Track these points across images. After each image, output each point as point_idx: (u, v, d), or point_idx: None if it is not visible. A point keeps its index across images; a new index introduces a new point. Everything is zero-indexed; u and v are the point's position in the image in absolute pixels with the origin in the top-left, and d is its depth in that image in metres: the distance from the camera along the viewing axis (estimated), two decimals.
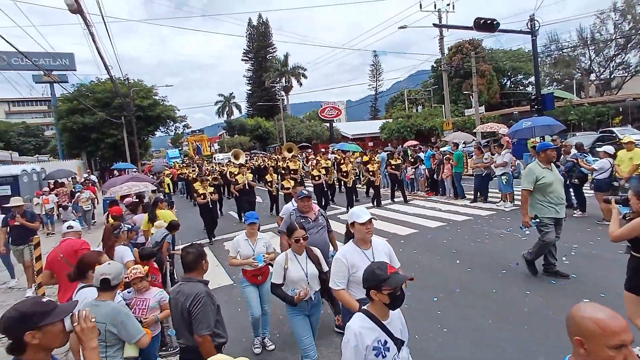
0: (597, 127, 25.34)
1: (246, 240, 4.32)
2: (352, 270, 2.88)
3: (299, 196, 4.39)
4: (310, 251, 3.49)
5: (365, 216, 2.90)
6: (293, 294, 3.29)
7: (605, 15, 37.98)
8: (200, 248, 2.91)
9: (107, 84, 28.21)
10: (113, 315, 2.47)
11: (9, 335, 1.62)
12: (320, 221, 4.44)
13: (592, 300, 4.52)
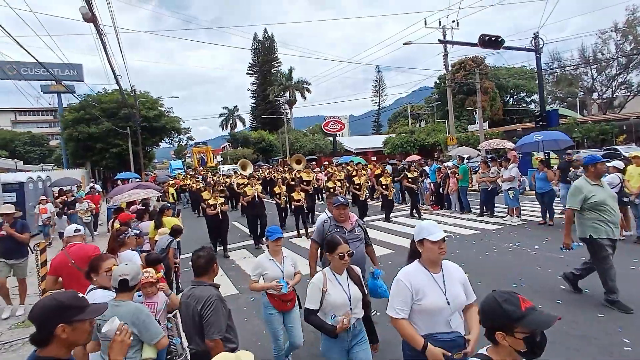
0: (601, 145, 25.37)
1: (271, 261, 3.73)
2: (417, 296, 2.36)
3: (334, 204, 3.93)
4: (352, 270, 2.96)
5: (438, 233, 2.37)
6: (333, 322, 2.71)
7: (606, 35, 38.52)
8: (212, 252, 2.88)
9: (113, 94, 28.54)
10: (135, 315, 2.44)
11: (41, 323, 1.57)
12: (357, 232, 3.94)
13: (604, 315, 4.45)
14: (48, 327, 1.56)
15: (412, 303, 2.37)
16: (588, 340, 3.98)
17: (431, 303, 2.33)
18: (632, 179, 7.17)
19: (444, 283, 2.40)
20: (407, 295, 2.37)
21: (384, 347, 3.99)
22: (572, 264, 6.27)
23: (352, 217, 4.04)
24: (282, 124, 47.19)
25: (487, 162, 10.78)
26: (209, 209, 8.80)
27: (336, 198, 4.01)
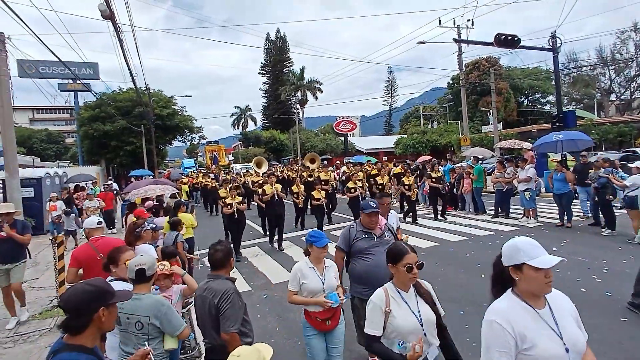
0: (619, 147, 24.81)
1: (312, 269, 3.17)
2: (524, 345, 1.62)
3: (365, 209, 3.56)
4: (420, 286, 2.39)
5: (545, 257, 1.70)
6: (402, 351, 2.17)
7: (626, 35, 37.67)
8: (229, 245, 2.86)
9: (128, 92, 28.92)
10: (157, 308, 2.45)
11: (80, 309, 1.57)
12: (387, 237, 3.58)
13: (628, 319, 4.32)
14: (89, 312, 1.57)
15: (516, 353, 1.63)
16: (611, 345, 3.86)
17: (544, 352, 1.61)
18: None
19: (555, 322, 1.68)
20: (508, 342, 1.63)
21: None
22: (592, 267, 6.14)
23: (381, 221, 3.70)
24: (294, 124, 47.28)
25: (503, 162, 10.60)
26: (225, 208, 8.36)
27: (366, 202, 3.64)
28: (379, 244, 3.52)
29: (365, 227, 3.62)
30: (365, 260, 3.52)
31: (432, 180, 11.31)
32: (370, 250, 3.51)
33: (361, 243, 3.57)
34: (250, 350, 1.71)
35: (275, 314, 5.37)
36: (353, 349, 4.19)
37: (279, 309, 5.55)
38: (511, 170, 10.06)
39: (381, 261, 2.87)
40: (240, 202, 8.51)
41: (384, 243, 3.45)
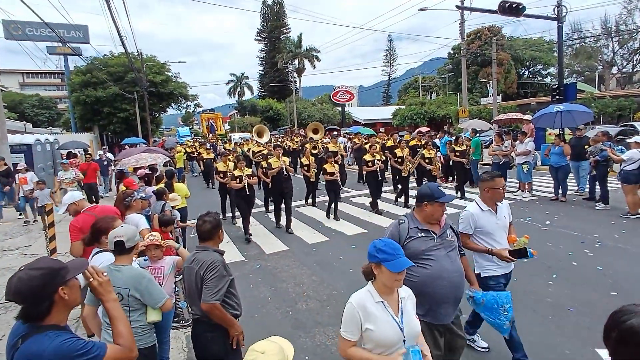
0: (617, 120, 24.64)
1: (381, 305, 2.01)
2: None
3: (436, 196, 2.61)
4: None
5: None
6: None
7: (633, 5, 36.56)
8: (217, 217, 2.78)
9: (120, 57, 28.02)
10: (137, 280, 2.39)
11: (36, 296, 1.48)
12: (449, 237, 2.69)
13: (618, 293, 4.35)
14: (47, 296, 1.49)
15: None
16: (600, 318, 3.88)
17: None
18: None
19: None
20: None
21: None
22: (585, 241, 6.16)
23: None
24: (291, 93, 46.43)
25: (502, 135, 10.47)
26: (233, 181, 7.42)
27: (435, 187, 2.70)
28: (439, 245, 2.62)
29: (423, 223, 2.68)
30: (422, 268, 2.55)
31: (455, 154, 10.31)
32: (429, 253, 2.58)
33: (416, 244, 2.61)
34: (274, 347, 1.61)
35: (268, 284, 5.39)
36: None
37: (271, 279, 5.57)
38: (509, 143, 9.95)
39: (444, 269, 2.51)
40: (251, 175, 7.64)
41: (446, 245, 2.64)
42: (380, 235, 7.04)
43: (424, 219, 2.70)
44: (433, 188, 2.69)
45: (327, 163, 8.80)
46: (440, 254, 2.60)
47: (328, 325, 4.16)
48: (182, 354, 3.89)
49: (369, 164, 8.90)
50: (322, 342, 3.86)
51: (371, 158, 8.95)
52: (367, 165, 8.95)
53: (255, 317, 4.49)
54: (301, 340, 3.93)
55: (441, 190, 2.70)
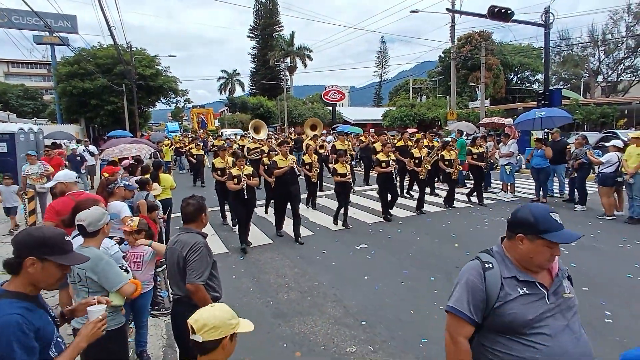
0: (601, 127, 25.21)
1: None
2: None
3: (542, 230, 1.57)
4: None
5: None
6: None
7: (618, 15, 37.47)
8: (202, 200, 2.82)
9: (109, 49, 27.63)
10: (94, 262, 2.36)
11: (16, 249, 1.55)
12: (566, 292, 1.65)
13: (589, 288, 4.51)
14: (20, 255, 1.53)
15: None
16: None
17: None
18: (630, 159, 7.10)
19: None
20: None
21: None
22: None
23: None
24: (282, 91, 46.33)
25: (486, 137, 10.67)
26: (230, 182, 6.35)
27: (544, 213, 1.61)
28: (554, 309, 1.58)
29: (524, 269, 1.65)
30: (530, 347, 1.55)
31: (472, 157, 9.27)
32: (539, 324, 1.55)
33: (518, 308, 1.56)
34: (228, 309, 1.56)
35: (250, 275, 5.43)
36: None
37: (254, 270, 5.61)
38: (490, 145, 10.13)
39: (565, 351, 1.53)
40: (251, 175, 6.49)
41: (564, 308, 1.60)
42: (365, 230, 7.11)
43: (519, 260, 1.65)
44: (538, 213, 1.61)
45: (338, 163, 7.69)
46: (557, 324, 1.56)
47: (308, 315, 4.21)
48: (161, 341, 3.90)
49: (383, 164, 7.77)
50: (300, 330, 3.91)
51: (385, 158, 7.80)
52: (380, 165, 7.82)
53: (236, 306, 4.43)
54: (280, 328, 3.98)
55: (554, 217, 1.61)
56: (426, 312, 4.19)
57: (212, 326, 1.47)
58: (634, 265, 5.18)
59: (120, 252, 3.00)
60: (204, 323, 1.47)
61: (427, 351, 3.45)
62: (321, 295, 4.72)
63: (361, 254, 6.11)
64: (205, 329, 1.46)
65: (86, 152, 12.97)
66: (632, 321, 3.83)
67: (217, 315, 1.49)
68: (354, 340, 3.69)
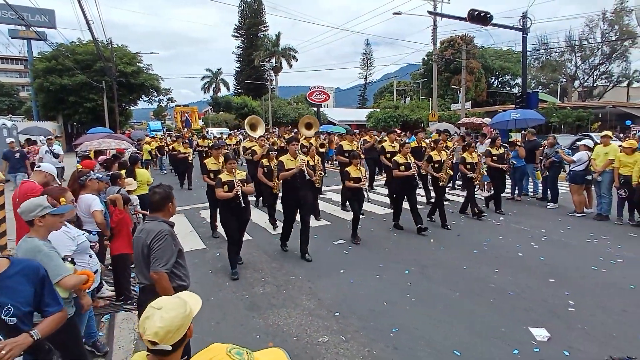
0: (577, 130, 25.99)
1: None
2: None
3: None
4: None
5: None
6: None
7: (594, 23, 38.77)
8: (169, 189, 2.81)
9: (88, 45, 27.05)
10: (33, 253, 2.30)
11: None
12: None
13: (555, 280, 4.66)
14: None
15: None
16: (537, 303, 4.17)
17: None
18: (597, 158, 7.39)
19: None
20: None
21: None
22: (533, 235, 6.53)
23: None
24: (267, 91, 46.19)
25: (464, 137, 10.88)
26: (220, 189, 5.19)
27: None
28: None
29: None
30: None
31: (492, 159, 8.33)
32: None
33: None
34: (175, 301, 1.44)
35: (227, 270, 5.39)
36: None
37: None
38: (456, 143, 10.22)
39: None
40: (245, 181, 5.32)
41: None
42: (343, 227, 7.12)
43: None
44: None
45: (351, 165, 6.53)
46: None
47: (282, 307, 4.24)
48: (132, 334, 3.86)
49: (402, 167, 6.80)
50: (274, 322, 3.93)
51: (404, 160, 6.87)
52: (398, 169, 6.82)
53: (211, 300, 4.50)
54: (254, 320, 3.99)
55: None
56: (398, 303, 4.26)
57: (177, 328, 1.37)
58: (598, 258, 5.39)
59: (87, 241, 2.97)
60: (167, 330, 1.35)
61: (397, 340, 3.52)
62: (296, 288, 4.75)
63: (338, 249, 6.17)
64: (170, 334, 1.36)
65: (49, 153, 10.81)
66: (594, 310, 3.98)
67: (174, 315, 1.37)
68: (326, 330, 3.73)
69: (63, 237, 2.89)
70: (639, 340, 3.44)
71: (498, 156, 8.41)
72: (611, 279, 4.74)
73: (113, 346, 3.61)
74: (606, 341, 3.42)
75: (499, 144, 8.62)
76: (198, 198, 10.61)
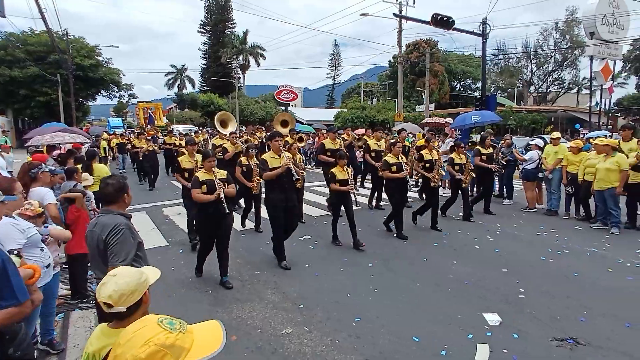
0: (532, 133, 27.52)
1: None
2: None
3: None
4: None
5: None
6: None
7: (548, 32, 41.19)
8: (122, 180, 2.72)
9: (42, 36, 25.57)
10: None
11: None
12: None
13: (508, 270, 4.94)
14: None
15: None
16: (491, 291, 4.40)
17: None
18: (548, 157, 7.88)
19: None
20: None
21: None
22: (489, 230, 6.87)
23: None
24: (234, 89, 45.49)
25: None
26: (197, 189, 4.52)
27: None
28: None
29: None
30: None
31: (481, 159, 8.05)
32: None
33: None
34: (130, 269, 1.57)
35: (190, 266, 5.30)
36: None
37: (195, 262, 5.47)
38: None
39: None
40: (226, 180, 4.72)
41: None
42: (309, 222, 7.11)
43: None
44: None
45: (337, 166, 5.97)
46: None
47: (246, 302, 4.23)
48: (88, 332, 3.72)
49: (393, 168, 6.33)
50: (238, 315, 3.92)
51: (395, 160, 6.39)
52: (389, 170, 6.36)
53: (173, 296, 4.42)
54: (218, 314, 3.95)
55: None
56: (362, 294, 4.36)
57: (130, 292, 1.46)
58: (547, 250, 5.76)
59: (38, 234, 2.85)
60: (121, 293, 1.44)
61: (359, 329, 3.61)
62: (261, 283, 4.75)
63: (304, 245, 6.21)
64: (123, 297, 1.44)
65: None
66: (542, 296, 4.25)
67: (128, 281, 1.47)
68: (290, 322, 3.76)
69: (11, 229, 2.74)
70: (581, 323, 3.71)
71: (487, 155, 8.12)
72: (558, 268, 5.08)
73: (68, 344, 3.47)
74: (551, 324, 3.67)
75: (489, 143, 8.33)
76: (160, 196, 10.36)
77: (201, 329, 1.18)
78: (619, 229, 6.52)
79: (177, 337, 1.07)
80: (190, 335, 1.12)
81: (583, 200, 7.38)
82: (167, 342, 1.04)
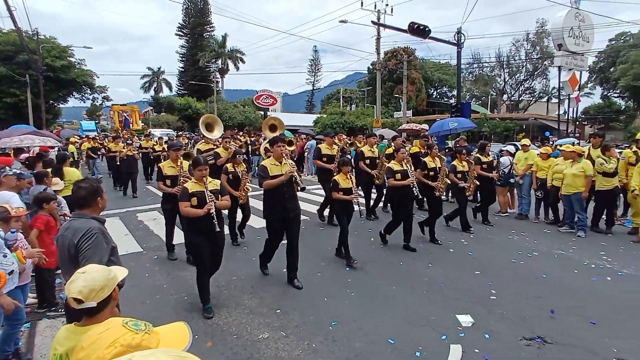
0: (505, 140, 28.46)
1: None
2: None
3: None
4: None
5: None
6: None
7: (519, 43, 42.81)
8: (96, 183, 2.65)
9: (10, 34, 24.65)
10: None
11: None
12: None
13: (480, 272, 5.07)
14: None
15: None
16: (464, 292, 4.51)
17: None
18: (519, 163, 8.17)
19: None
20: None
21: None
22: (463, 234, 7.04)
23: None
24: (212, 93, 45.03)
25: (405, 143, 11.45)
26: (186, 202, 4.01)
27: None
28: None
29: None
30: None
31: (481, 167, 7.68)
32: None
33: None
34: (99, 266, 1.62)
35: (165, 272, 5.23)
36: None
37: (170, 268, 5.41)
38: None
39: None
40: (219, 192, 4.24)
41: None
42: None
43: None
44: None
45: (340, 173, 5.54)
46: None
47: (223, 307, 4.18)
48: None
49: (397, 175, 5.94)
50: (214, 322, 3.88)
51: (400, 167, 6.01)
52: (394, 177, 5.96)
53: (147, 302, 4.33)
54: (194, 320, 3.89)
55: None
56: (338, 297, 4.39)
57: (100, 288, 1.51)
58: (517, 252, 5.96)
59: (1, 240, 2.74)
60: (91, 289, 1.49)
61: (336, 332, 3.63)
62: (238, 288, 4.71)
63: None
64: (94, 293, 1.49)
65: None
66: (512, 297, 4.39)
67: (97, 277, 1.52)
68: (267, 327, 3.75)
69: None
70: (549, 321, 3.85)
71: (488, 164, 7.82)
72: (528, 269, 5.26)
73: (34, 354, 3.34)
74: (521, 324, 3.79)
75: (488, 151, 8.07)
76: (134, 201, 10.12)
77: (167, 330, 1.20)
78: (585, 232, 6.82)
79: (143, 338, 1.08)
80: (156, 335, 1.13)
81: (552, 204, 7.67)
82: (133, 343, 1.06)
